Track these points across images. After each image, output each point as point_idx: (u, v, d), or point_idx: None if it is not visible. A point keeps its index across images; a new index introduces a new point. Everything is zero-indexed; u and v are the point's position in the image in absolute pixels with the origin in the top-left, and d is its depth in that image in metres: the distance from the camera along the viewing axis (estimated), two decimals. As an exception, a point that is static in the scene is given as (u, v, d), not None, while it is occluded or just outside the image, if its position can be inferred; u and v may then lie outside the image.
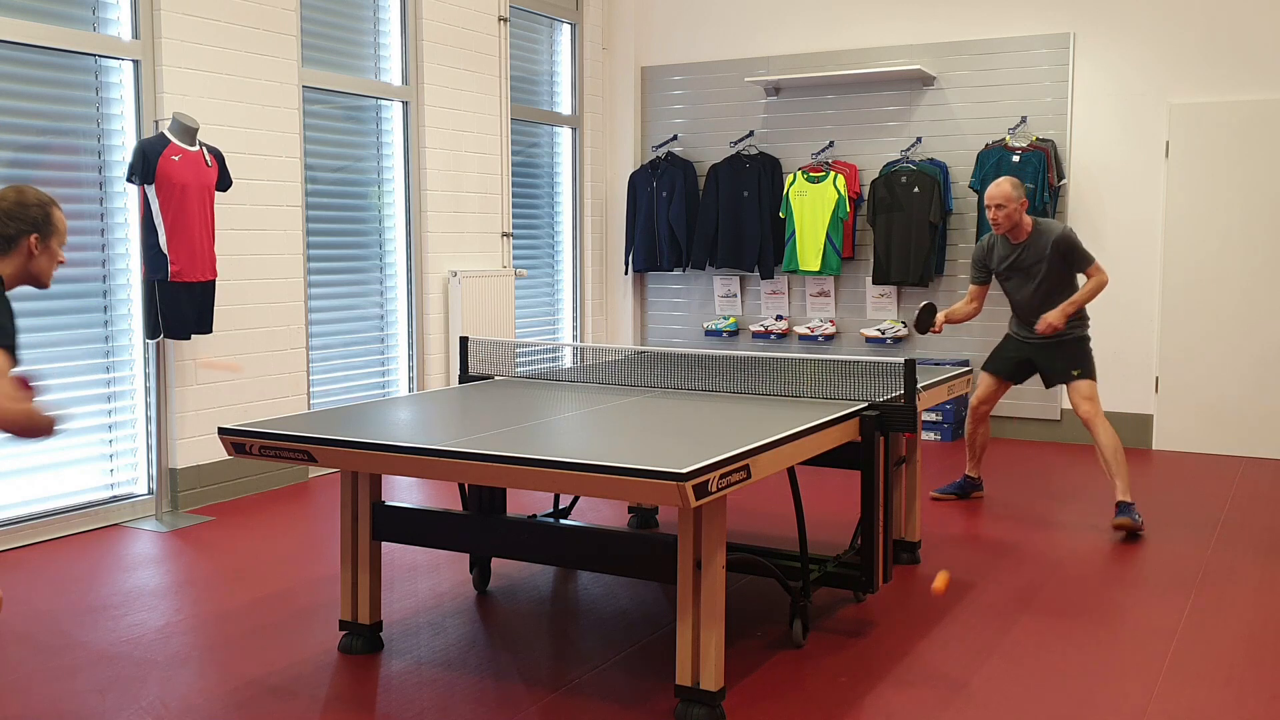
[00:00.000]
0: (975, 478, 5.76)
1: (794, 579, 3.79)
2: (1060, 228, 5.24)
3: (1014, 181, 5.20)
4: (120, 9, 5.25)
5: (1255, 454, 6.85)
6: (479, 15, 7.23)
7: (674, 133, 8.39)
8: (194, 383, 5.53)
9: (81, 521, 5.15)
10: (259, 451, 3.32)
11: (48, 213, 2.87)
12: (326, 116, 6.36)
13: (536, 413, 3.68)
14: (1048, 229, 5.25)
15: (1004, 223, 5.21)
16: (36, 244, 2.85)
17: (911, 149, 7.60)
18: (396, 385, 6.89)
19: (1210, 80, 6.88)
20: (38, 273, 2.88)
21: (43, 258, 2.88)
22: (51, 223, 2.87)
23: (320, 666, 3.53)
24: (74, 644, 3.72)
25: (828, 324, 7.91)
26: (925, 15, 7.56)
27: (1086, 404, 5.22)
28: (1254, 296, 6.82)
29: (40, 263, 2.88)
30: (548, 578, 4.44)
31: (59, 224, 2.90)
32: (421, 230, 6.87)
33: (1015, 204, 5.17)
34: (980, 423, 5.64)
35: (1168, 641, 3.75)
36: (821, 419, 3.49)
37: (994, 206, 5.20)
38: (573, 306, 8.46)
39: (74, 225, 5.14)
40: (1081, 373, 5.28)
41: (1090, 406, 5.21)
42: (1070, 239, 5.21)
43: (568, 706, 3.21)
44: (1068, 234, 5.22)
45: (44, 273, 2.90)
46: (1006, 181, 5.20)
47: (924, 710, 3.20)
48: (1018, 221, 5.22)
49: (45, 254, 2.88)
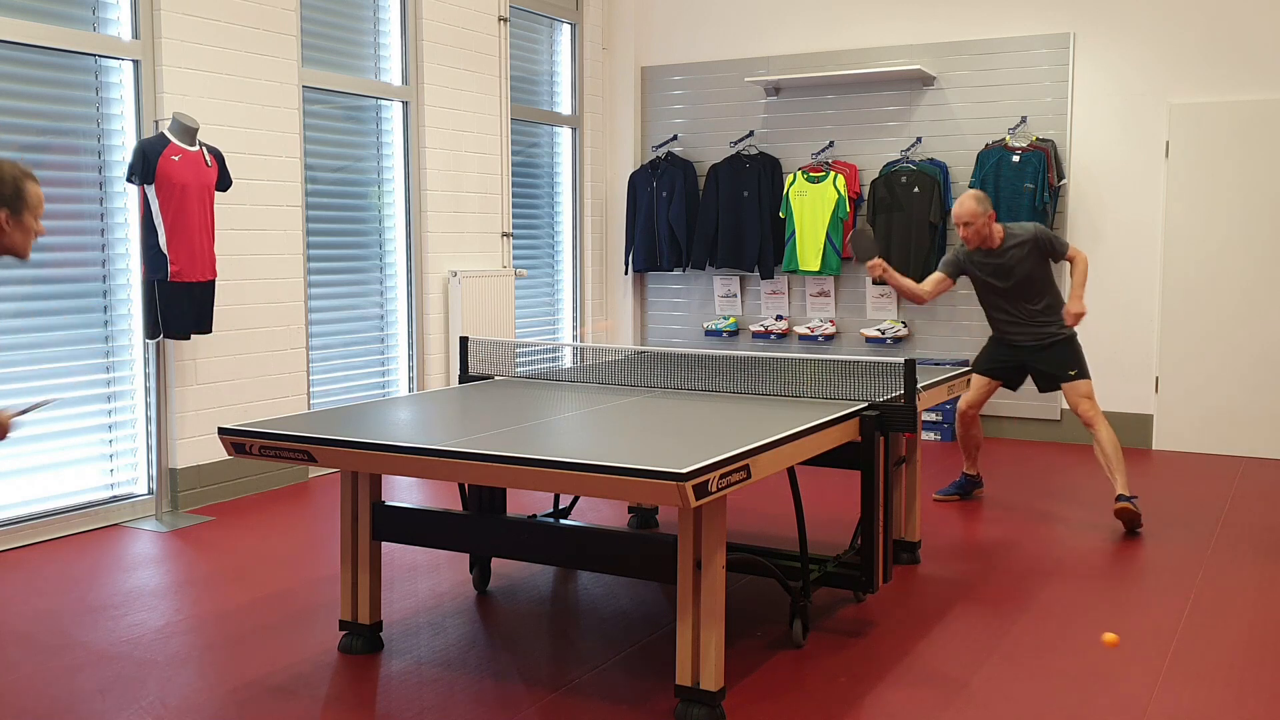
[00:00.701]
0: (975, 475, 5.77)
1: (794, 579, 3.79)
2: (1031, 227, 5.32)
3: (977, 195, 5.23)
4: (120, 9, 5.25)
5: (1255, 454, 6.85)
6: (479, 15, 7.23)
7: (674, 133, 8.39)
8: (194, 383, 5.53)
9: (81, 521, 5.15)
10: (259, 451, 3.32)
11: (19, 187, 2.83)
12: (326, 116, 6.36)
13: (536, 413, 3.68)
14: (1020, 230, 5.31)
15: (974, 238, 5.26)
16: (8, 219, 2.83)
17: (911, 149, 7.60)
18: (396, 385, 6.89)
19: (1210, 80, 6.88)
20: (12, 246, 2.86)
21: (15, 232, 2.85)
22: (23, 197, 2.84)
23: (320, 666, 3.53)
24: (74, 644, 3.72)
25: (828, 324, 7.91)
26: (925, 15, 7.56)
27: (1086, 403, 5.25)
28: (1254, 296, 6.82)
29: (14, 237, 2.85)
30: (548, 578, 4.44)
31: (31, 197, 2.87)
32: (421, 230, 6.87)
33: (982, 219, 5.21)
34: (970, 425, 5.64)
35: (1168, 641, 3.75)
36: (821, 419, 3.49)
37: (962, 225, 5.24)
38: (573, 306, 8.47)
39: (74, 225, 5.15)
40: (1078, 372, 5.31)
41: (1090, 405, 5.24)
42: (1046, 232, 5.31)
43: (568, 706, 3.21)
44: (1040, 229, 5.31)
45: (20, 246, 2.87)
46: (969, 198, 5.22)
47: (924, 710, 3.20)
48: (987, 234, 5.26)
49: (18, 229, 2.85)
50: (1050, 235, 5.31)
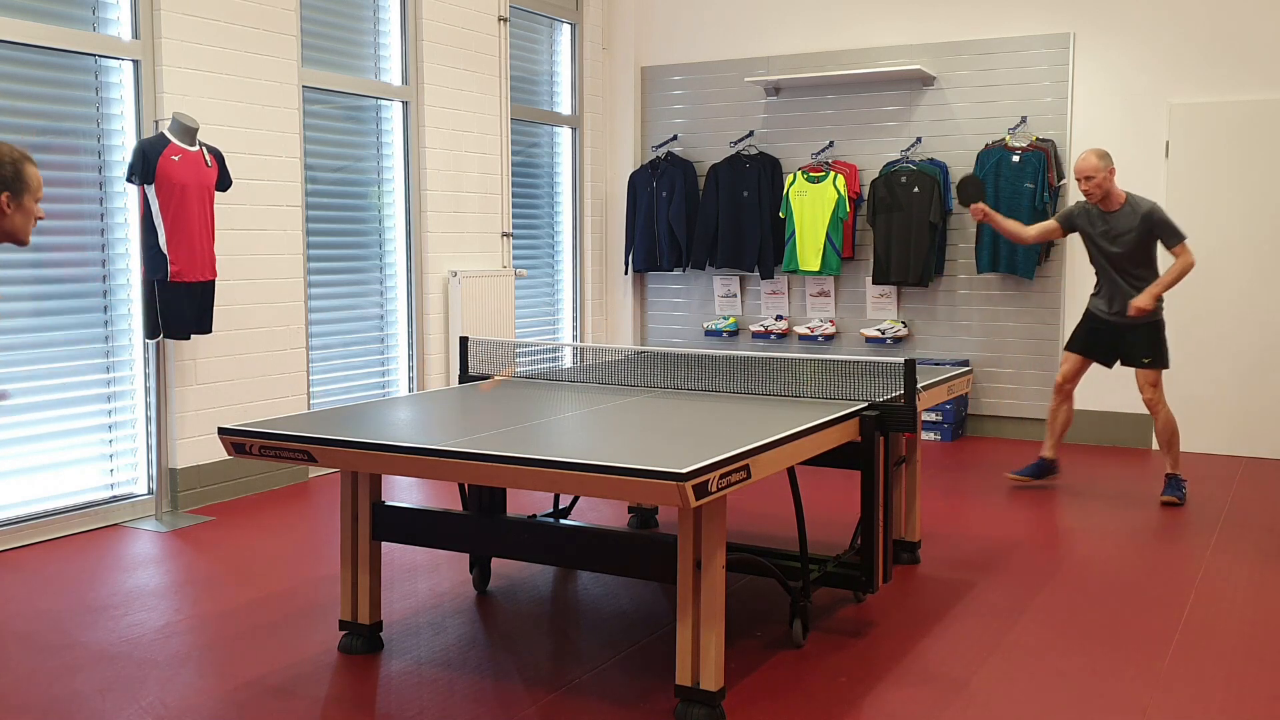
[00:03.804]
0: (1052, 459, 5.95)
1: (794, 579, 3.79)
2: (1150, 202, 5.46)
3: (1100, 152, 5.39)
4: (120, 9, 5.25)
5: (1255, 454, 6.85)
6: (479, 15, 7.23)
7: (674, 133, 8.39)
8: (194, 383, 5.54)
9: (81, 521, 5.15)
10: (259, 451, 3.32)
11: (19, 169, 2.81)
12: (326, 116, 6.36)
13: (536, 413, 3.68)
14: (1139, 202, 5.46)
15: (1096, 192, 5.42)
16: (8, 202, 2.81)
17: (911, 149, 7.60)
18: (396, 385, 6.89)
19: (1210, 80, 6.88)
20: (13, 230, 2.84)
21: (16, 215, 2.83)
22: (23, 179, 2.82)
23: (320, 666, 3.53)
24: (74, 644, 3.72)
25: (828, 324, 7.91)
26: (925, 15, 7.56)
27: (1150, 389, 5.55)
28: (1254, 296, 6.82)
29: (14, 220, 2.83)
30: (548, 578, 4.44)
31: (31, 180, 2.85)
32: (421, 230, 6.87)
33: (1104, 173, 5.39)
34: (1065, 400, 5.85)
35: (1168, 641, 3.75)
36: (821, 419, 3.49)
37: (1084, 179, 5.40)
38: (573, 306, 8.47)
39: (74, 225, 5.15)
40: (1152, 361, 5.54)
41: (1153, 393, 5.55)
42: (1161, 213, 5.43)
43: (568, 706, 3.21)
44: (1158, 208, 5.44)
45: (20, 230, 2.86)
46: (1092, 153, 5.37)
47: (924, 710, 3.20)
48: (1109, 190, 5.41)
49: (19, 211, 2.84)
50: (1165, 220, 5.42)
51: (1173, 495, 5.58)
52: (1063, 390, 5.84)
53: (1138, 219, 5.41)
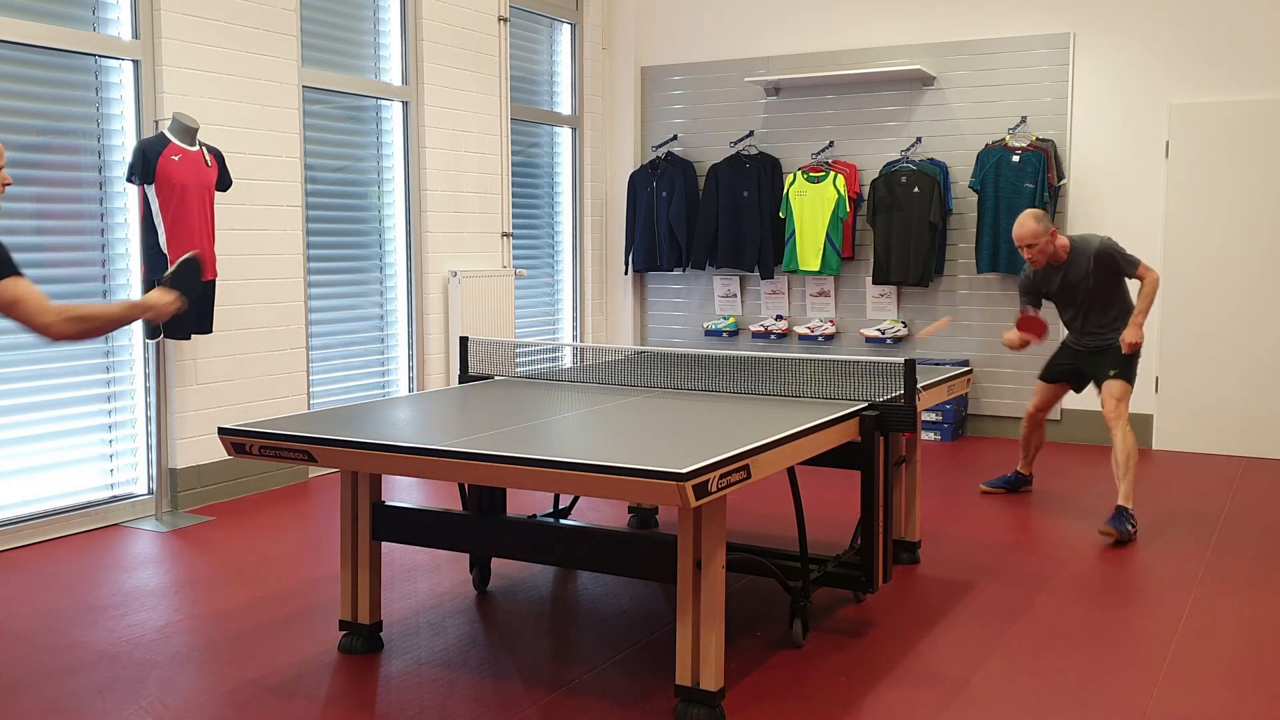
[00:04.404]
0: (1026, 475, 5.90)
1: (794, 579, 3.79)
2: (1098, 241, 5.23)
3: (1035, 214, 5.18)
4: (120, 9, 5.25)
5: (1255, 454, 6.85)
6: (479, 15, 7.23)
7: (674, 133, 8.39)
8: (194, 383, 5.53)
9: (81, 521, 5.15)
10: (259, 451, 3.32)
11: None
12: (326, 116, 6.36)
13: (536, 413, 3.68)
14: (1085, 245, 5.24)
15: (1040, 259, 5.22)
16: None
17: (911, 149, 7.60)
18: (396, 385, 6.89)
19: (1210, 80, 6.88)
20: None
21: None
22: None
23: (320, 666, 3.53)
24: (74, 644, 3.72)
25: (828, 324, 7.91)
26: (925, 15, 7.56)
27: (1112, 403, 5.18)
28: (1254, 297, 6.82)
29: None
30: (548, 578, 4.44)
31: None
32: (421, 230, 6.87)
33: (1044, 238, 5.16)
34: (1036, 428, 5.78)
35: (1168, 641, 3.75)
36: (821, 419, 3.49)
37: (1025, 247, 5.20)
38: (573, 306, 8.47)
39: (74, 225, 5.15)
40: (1118, 373, 5.23)
41: (1115, 407, 5.17)
42: (1110, 249, 5.20)
43: (568, 706, 3.21)
44: (1107, 245, 5.21)
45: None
46: (1029, 218, 5.16)
47: (924, 710, 3.20)
48: (1052, 251, 5.22)
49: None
50: (1115, 251, 5.19)
51: (1115, 528, 4.88)
52: (1034, 419, 5.72)
53: (1090, 259, 5.19)
